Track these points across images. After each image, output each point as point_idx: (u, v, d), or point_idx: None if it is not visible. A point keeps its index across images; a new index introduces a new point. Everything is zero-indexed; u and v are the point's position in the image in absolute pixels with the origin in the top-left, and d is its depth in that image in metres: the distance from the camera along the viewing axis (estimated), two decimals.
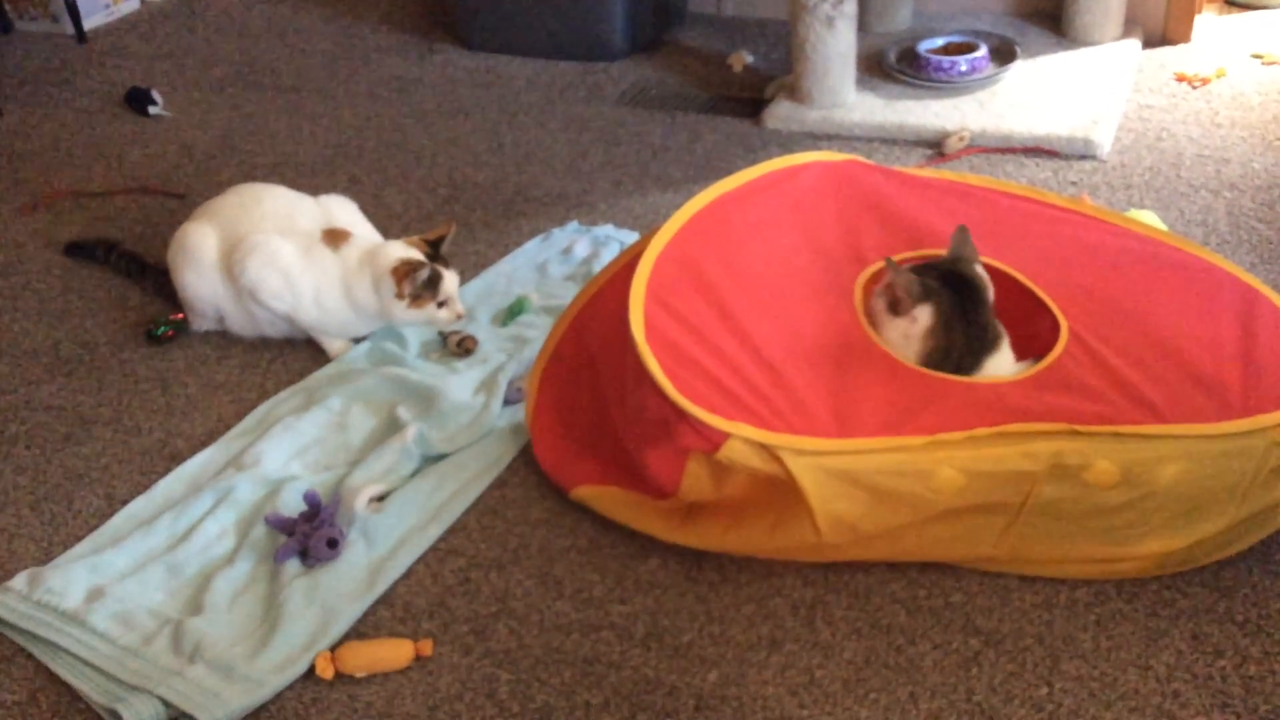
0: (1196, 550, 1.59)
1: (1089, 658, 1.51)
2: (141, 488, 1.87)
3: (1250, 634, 1.53)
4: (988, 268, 1.78)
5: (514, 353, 2.07)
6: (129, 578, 1.68)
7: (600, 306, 1.82)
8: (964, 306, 1.68)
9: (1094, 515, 1.57)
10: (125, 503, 1.85)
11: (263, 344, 2.21)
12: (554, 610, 1.62)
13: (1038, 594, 1.61)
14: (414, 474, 1.85)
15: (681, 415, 1.53)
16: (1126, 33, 3.06)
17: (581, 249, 2.37)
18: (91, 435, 2.01)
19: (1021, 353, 1.71)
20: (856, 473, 1.52)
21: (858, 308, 1.71)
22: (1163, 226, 2.19)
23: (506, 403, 1.96)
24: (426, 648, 1.57)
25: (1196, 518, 1.57)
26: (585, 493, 1.76)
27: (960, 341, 1.67)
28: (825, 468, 1.51)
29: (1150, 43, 3.11)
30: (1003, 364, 1.69)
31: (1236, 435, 1.55)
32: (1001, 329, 1.71)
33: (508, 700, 1.50)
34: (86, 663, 1.56)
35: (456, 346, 2.10)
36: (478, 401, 1.96)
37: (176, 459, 1.93)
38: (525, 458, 1.87)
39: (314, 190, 2.26)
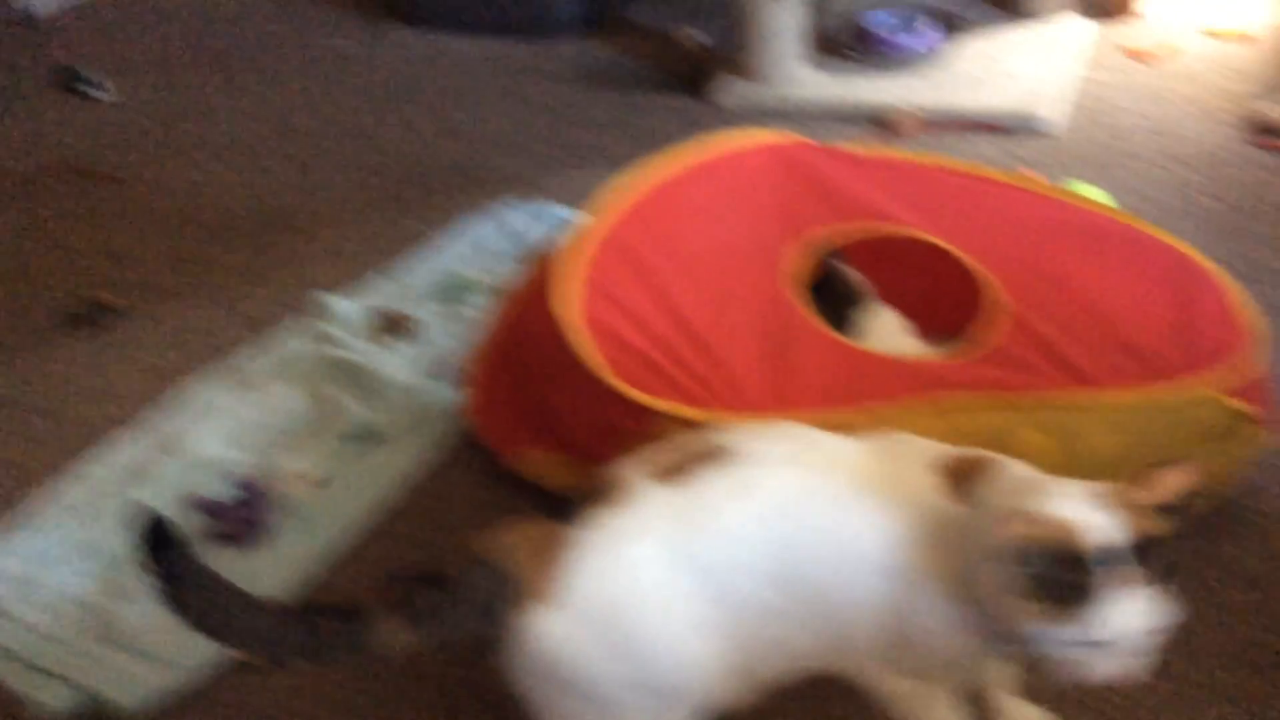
0: None
1: None
2: (65, 470, 1.83)
3: (1182, 598, 1.52)
4: (928, 245, 1.79)
5: (455, 332, 2.04)
6: (50, 562, 1.64)
7: (541, 288, 1.79)
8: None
9: None
10: (47, 486, 1.80)
11: (191, 323, 2.16)
12: None
13: None
14: (351, 457, 1.81)
15: (618, 399, 1.53)
16: (1076, 8, 3.04)
17: (526, 227, 2.34)
18: (12, 417, 1.97)
19: (961, 327, 1.70)
20: None
21: (792, 286, 1.71)
22: (1107, 200, 2.18)
23: (447, 383, 1.93)
24: None
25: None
26: (532, 460, 1.73)
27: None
28: None
29: (1100, 18, 3.09)
30: (876, 319, 1.73)
31: (1167, 401, 1.55)
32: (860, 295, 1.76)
33: (445, 681, 1.47)
34: (5, 649, 1.52)
35: (395, 326, 2.06)
36: (417, 382, 1.93)
37: (102, 441, 1.88)
38: (468, 439, 1.83)
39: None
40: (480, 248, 2.30)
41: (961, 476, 1.14)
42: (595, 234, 1.71)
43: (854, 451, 1.19)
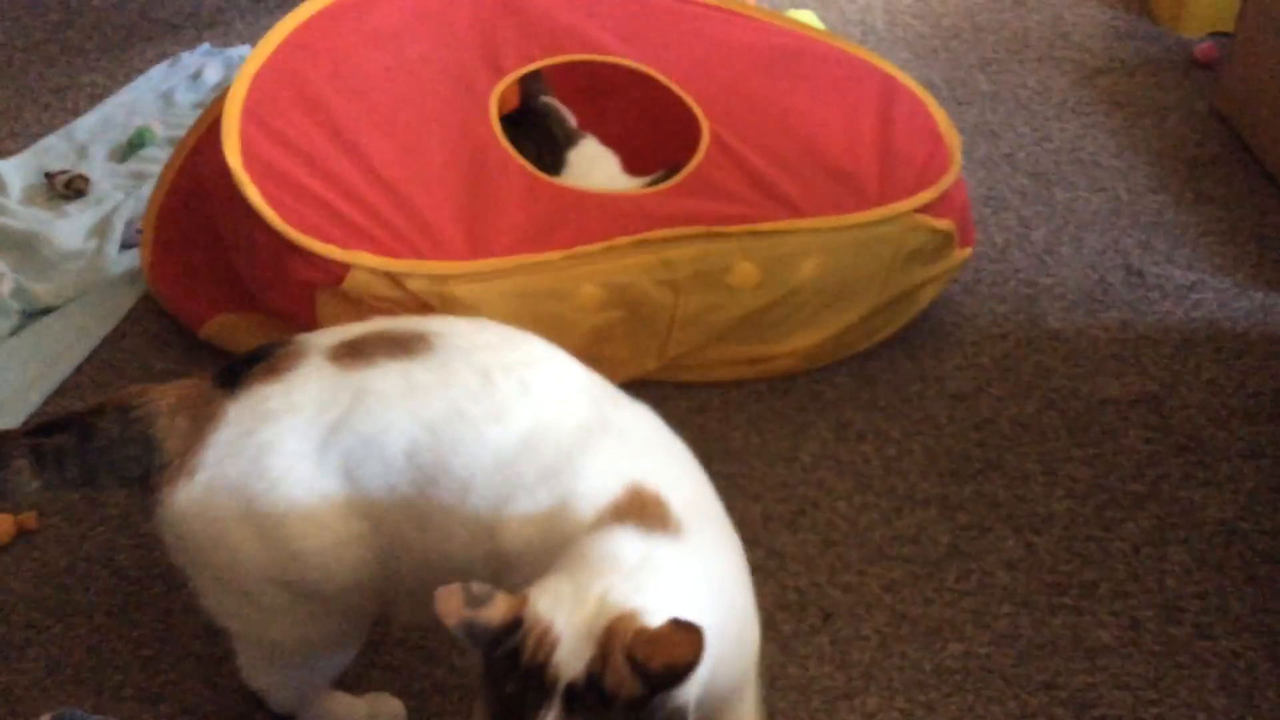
0: (842, 341, 1.61)
1: (740, 456, 1.51)
2: None
3: (890, 417, 1.56)
4: (634, 73, 1.71)
5: (133, 190, 1.86)
6: None
7: (209, 135, 1.63)
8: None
9: (743, 319, 1.55)
10: None
11: None
12: None
13: (693, 399, 1.59)
14: (13, 331, 1.64)
15: (293, 248, 1.41)
16: None
17: (212, 74, 2.15)
18: None
19: (668, 157, 1.65)
20: (493, 300, 1.44)
21: (493, 121, 1.60)
22: (821, 26, 2.17)
23: (124, 246, 1.76)
24: (30, 521, 1.41)
25: (839, 308, 1.58)
26: (221, 323, 1.60)
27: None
28: (457, 294, 1.42)
29: None
30: (590, 155, 1.66)
31: (873, 224, 1.56)
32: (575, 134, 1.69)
33: (127, 566, 1.37)
34: None
35: (64, 187, 1.87)
36: (90, 247, 1.76)
37: None
38: (148, 304, 1.70)
39: None
40: (168, 100, 2.10)
41: (625, 510, 0.94)
42: (254, 63, 1.54)
43: (567, 401, 1.01)
